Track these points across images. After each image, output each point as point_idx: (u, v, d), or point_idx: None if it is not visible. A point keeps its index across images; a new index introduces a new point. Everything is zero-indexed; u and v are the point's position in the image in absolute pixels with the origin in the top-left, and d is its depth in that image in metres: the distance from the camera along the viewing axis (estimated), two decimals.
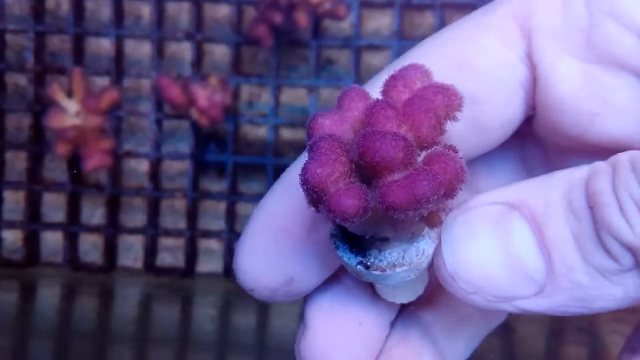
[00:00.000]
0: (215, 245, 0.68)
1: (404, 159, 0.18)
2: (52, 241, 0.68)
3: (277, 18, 0.63)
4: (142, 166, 0.68)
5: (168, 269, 0.68)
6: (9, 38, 0.68)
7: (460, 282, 0.20)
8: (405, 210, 0.18)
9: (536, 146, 0.25)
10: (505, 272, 0.20)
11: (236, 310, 0.66)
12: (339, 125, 0.20)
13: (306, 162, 0.19)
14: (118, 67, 0.68)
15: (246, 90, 0.69)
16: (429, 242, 0.21)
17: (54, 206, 0.68)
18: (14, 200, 0.68)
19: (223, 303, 0.68)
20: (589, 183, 0.19)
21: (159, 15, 0.68)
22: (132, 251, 0.68)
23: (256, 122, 0.68)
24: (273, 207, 0.24)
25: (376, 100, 0.20)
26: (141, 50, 0.68)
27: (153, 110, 0.68)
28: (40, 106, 0.66)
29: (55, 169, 0.68)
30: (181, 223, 0.68)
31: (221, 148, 0.68)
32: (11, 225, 0.68)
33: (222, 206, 0.68)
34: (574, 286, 0.20)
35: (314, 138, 0.19)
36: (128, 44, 0.68)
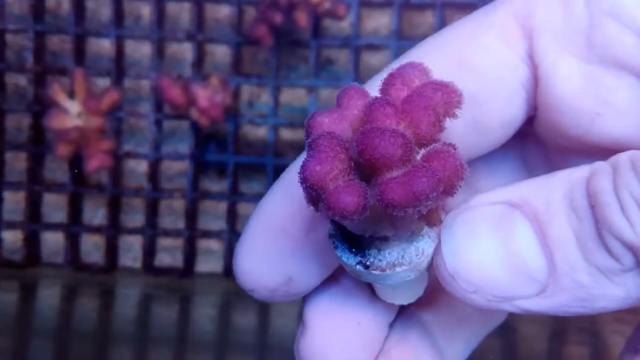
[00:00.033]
0: (215, 245, 0.68)
1: (403, 156, 0.18)
2: (53, 242, 0.68)
3: (277, 18, 0.63)
4: (142, 167, 0.68)
5: (166, 269, 0.68)
6: (9, 38, 0.68)
7: (460, 282, 0.20)
8: (404, 207, 0.18)
9: (537, 146, 0.25)
10: (506, 272, 0.20)
11: (236, 310, 0.66)
12: (338, 123, 0.20)
13: (305, 160, 0.19)
14: (118, 68, 0.68)
15: (247, 90, 0.69)
16: (429, 242, 0.21)
17: (55, 207, 0.68)
18: (14, 200, 0.68)
19: (223, 303, 0.68)
20: (590, 182, 0.19)
21: (160, 15, 0.68)
22: (132, 251, 0.68)
23: (256, 122, 0.68)
24: (272, 208, 0.24)
25: (375, 97, 0.19)
26: (141, 50, 0.68)
27: (152, 110, 0.67)
28: (40, 106, 0.66)
29: (55, 170, 0.68)
30: (180, 223, 0.68)
31: (221, 148, 0.68)
32: (11, 225, 0.68)
33: (222, 206, 0.68)
34: (576, 286, 0.19)
35: (313, 136, 0.19)
36: (128, 45, 0.68)
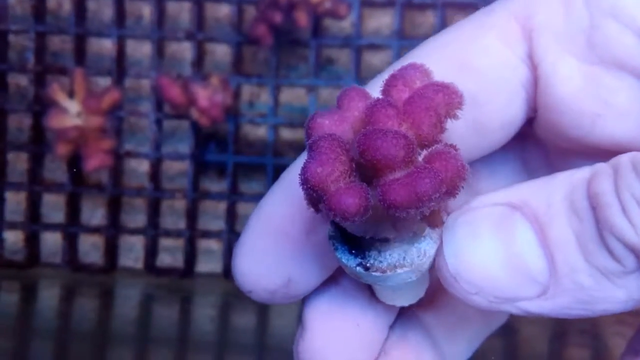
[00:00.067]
0: (214, 245, 0.68)
1: (405, 157, 0.18)
2: (52, 242, 0.68)
3: (277, 17, 0.63)
4: (143, 166, 0.68)
5: (167, 270, 0.68)
6: (11, 39, 0.68)
7: (462, 283, 0.20)
8: (406, 208, 0.18)
9: (537, 148, 0.25)
10: (507, 273, 0.20)
11: (236, 310, 0.66)
12: (339, 124, 0.20)
13: (306, 162, 0.19)
14: (119, 68, 0.68)
15: (247, 90, 0.69)
16: (430, 243, 0.21)
17: (54, 207, 0.68)
18: (15, 201, 0.68)
19: (222, 303, 0.68)
20: (591, 184, 0.19)
21: (160, 15, 0.68)
22: (133, 252, 0.68)
23: (256, 122, 0.68)
24: (272, 209, 0.24)
25: (376, 99, 0.19)
26: (142, 50, 0.68)
27: (153, 110, 0.67)
28: (40, 106, 0.66)
29: (55, 170, 0.68)
30: (181, 223, 0.68)
31: (221, 148, 0.68)
32: (12, 226, 0.68)
33: (222, 206, 0.68)
34: (577, 288, 0.19)
35: (314, 137, 0.19)
36: (129, 44, 0.68)
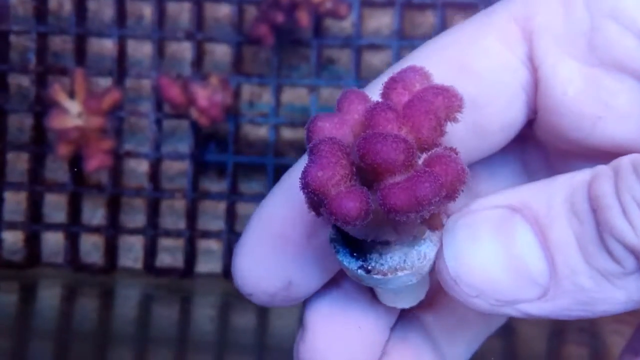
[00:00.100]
0: (214, 245, 0.68)
1: (405, 161, 0.18)
2: (53, 242, 0.68)
3: (279, 17, 0.63)
4: (142, 166, 0.68)
5: (167, 270, 0.68)
6: (13, 39, 0.68)
7: (462, 286, 0.20)
8: (407, 212, 0.18)
9: (537, 150, 0.25)
10: (508, 275, 0.20)
11: (235, 310, 0.66)
12: (339, 128, 0.20)
13: (306, 166, 0.19)
14: (120, 68, 0.68)
15: (247, 90, 0.69)
16: (431, 246, 0.21)
17: (55, 207, 0.68)
18: (15, 201, 0.68)
19: (222, 303, 0.68)
20: (592, 186, 0.19)
21: (160, 15, 0.68)
22: (133, 252, 0.68)
23: (257, 122, 0.68)
24: (272, 211, 0.24)
25: (376, 102, 0.19)
26: (142, 50, 0.68)
27: (153, 110, 0.67)
28: (41, 107, 0.66)
29: (56, 170, 0.68)
30: (181, 223, 0.68)
31: (221, 148, 0.68)
32: (12, 226, 0.68)
33: (222, 206, 0.68)
34: (577, 289, 0.19)
35: (314, 141, 0.19)
36: (129, 44, 0.68)
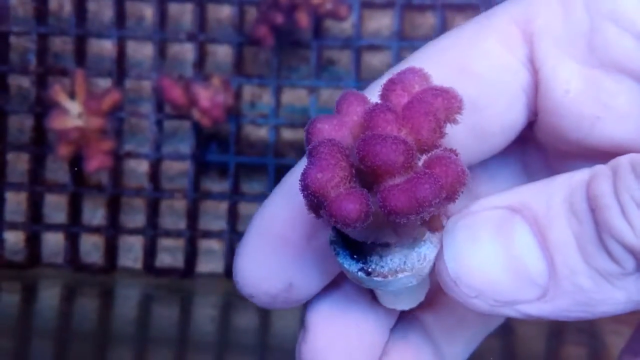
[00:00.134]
0: (215, 245, 0.68)
1: (405, 163, 0.18)
2: (54, 242, 0.68)
3: (278, 18, 0.63)
4: (142, 167, 0.69)
5: (167, 270, 0.68)
6: (13, 40, 0.68)
7: (462, 287, 0.20)
8: (407, 214, 0.18)
9: (537, 152, 0.25)
10: (507, 276, 0.20)
11: (236, 310, 0.66)
12: (338, 130, 0.20)
13: (306, 168, 0.19)
14: (120, 69, 0.68)
15: (248, 90, 0.69)
16: (431, 247, 0.21)
17: (56, 207, 0.68)
18: (16, 201, 0.68)
19: (223, 303, 0.68)
20: (590, 186, 0.19)
21: (161, 16, 0.68)
22: (133, 252, 0.68)
23: (257, 123, 0.68)
24: (273, 214, 0.24)
25: (375, 104, 0.19)
26: (143, 51, 0.68)
27: (153, 111, 0.68)
28: (42, 108, 0.67)
29: (56, 170, 0.68)
30: (181, 223, 0.68)
31: (222, 148, 0.68)
32: (13, 226, 0.68)
33: (223, 206, 0.68)
34: (577, 290, 0.19)
35: (313, 143, 0.19)
36: (130, 45, 0.68)
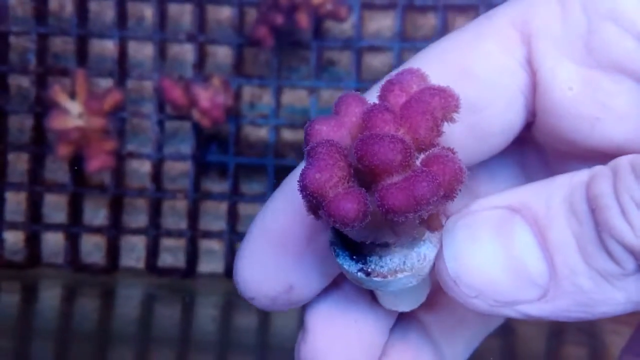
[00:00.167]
0: (216, 245, 0.68)
1: (403, 161, 0.18)
2: (53, 242, 0.68)
3: (278, 19, 0.63)
4: (144, 167, 0.69)
5: (169, 270, 0.68)
6: (12, 40, 0.68)
7: (462, 286, 0.20)
8: (405, 212, 0.18)
9: (536, 152, 0.25)
10: (507, 276, 0.20)
11: (237, 310, 0.66)
12: (337, 130, 0.20)
13: (304, 168, 0.19)
14: (121, 69, 0.68)
15: (248, 91, 0.69)
16: (430, 247, 0.21)
17: (56, 207, 0.69)
18: (16, 201, 0.68)
19: (224, 303, 0.68)
20: (590, 186, 0.19)
21: (162, 16, 0.68)
22: (135, 252, 0.68)
23: (257, 123, 0.68)
24: (273, 216, 0.24)
25: (373, 104, 0.20)
26: (143, 51, 0.69)
27: (155, 111, 0.68)
28: (42, 107, 0.67)
29: (56, 170, 0.68)
30: (182, 224, 0.68)
31: (223, 149, 0.68)
32: (13, 226, 0.68)
33: (223, 207, 0.68)
34: (577, 290, 0.19)
35: (312, 144, 0.19)
36: (130, 46, 0.68)
